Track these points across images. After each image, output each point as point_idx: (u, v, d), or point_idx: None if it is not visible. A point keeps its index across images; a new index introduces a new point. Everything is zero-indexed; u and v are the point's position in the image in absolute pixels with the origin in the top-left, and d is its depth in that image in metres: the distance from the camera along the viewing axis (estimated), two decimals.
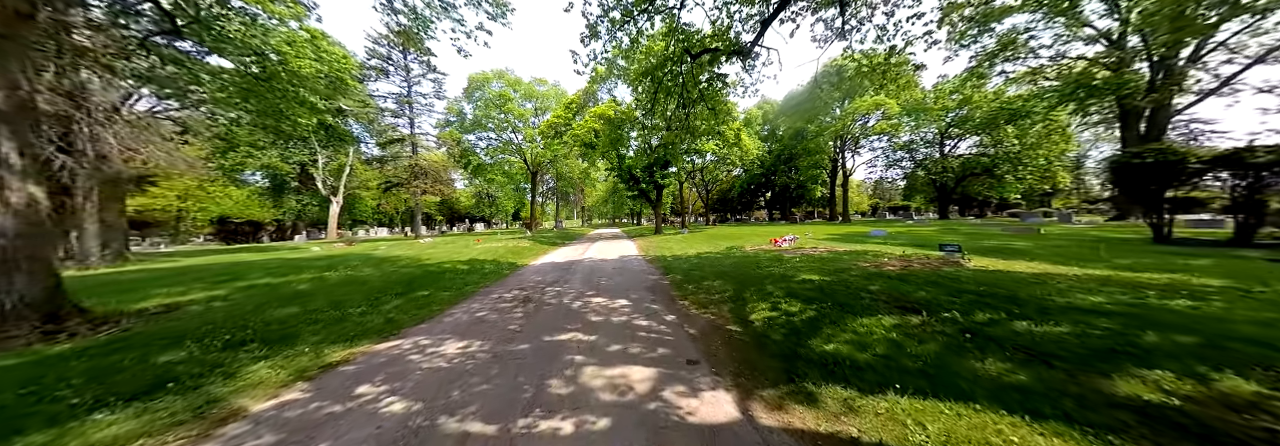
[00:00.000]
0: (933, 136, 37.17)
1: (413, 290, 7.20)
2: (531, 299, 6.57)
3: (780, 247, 11.82)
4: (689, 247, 14.34)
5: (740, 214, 59.23)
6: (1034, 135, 27.57)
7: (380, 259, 12.61)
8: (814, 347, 3.57)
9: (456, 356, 3.87)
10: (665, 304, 5.90)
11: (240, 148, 25.87)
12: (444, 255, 13.61)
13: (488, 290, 7.52)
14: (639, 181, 24.04)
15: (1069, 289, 4.84)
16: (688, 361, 3.55)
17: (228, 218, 29.05)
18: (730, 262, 9.24)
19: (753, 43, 6.93)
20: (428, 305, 6.14)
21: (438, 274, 9.12)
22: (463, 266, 10.39)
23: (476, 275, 9.14)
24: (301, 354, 3.94)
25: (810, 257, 8.94)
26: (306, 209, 32.38)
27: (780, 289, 5.90)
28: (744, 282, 6.70)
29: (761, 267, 8.03)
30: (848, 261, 8.04)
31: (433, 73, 26.14)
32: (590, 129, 20.77)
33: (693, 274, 8.23)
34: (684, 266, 9.43)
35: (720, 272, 8.00)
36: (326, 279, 8.34)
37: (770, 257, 9.58)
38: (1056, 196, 42.56)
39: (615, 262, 11.27)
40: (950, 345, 3.31)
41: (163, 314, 5.46)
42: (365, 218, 51.55)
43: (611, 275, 8.87)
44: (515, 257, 13.07)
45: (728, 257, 10.35)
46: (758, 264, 8.65)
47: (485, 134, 34.88)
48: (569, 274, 9.33)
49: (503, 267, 10.58)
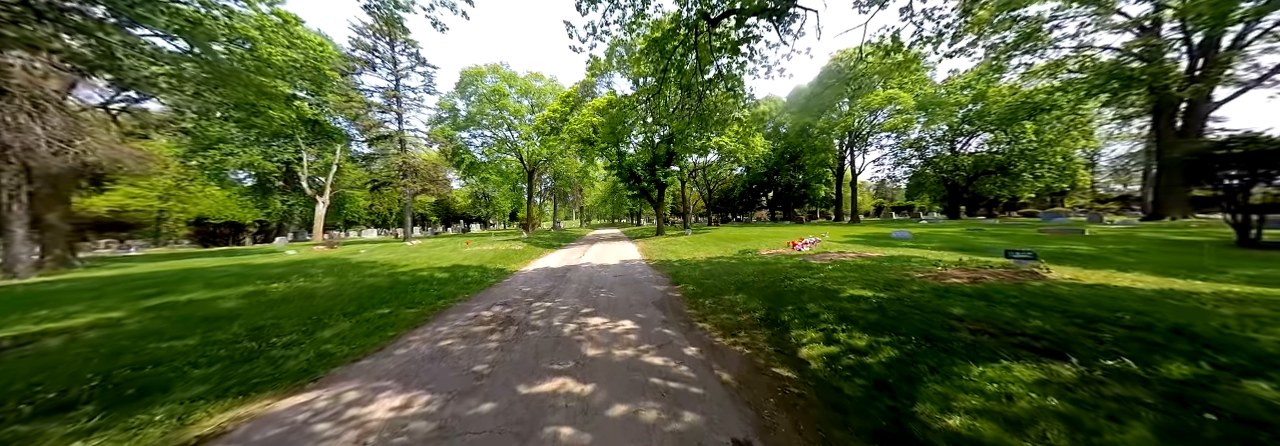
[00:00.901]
0: (942, 133, 35.94)
1: (369, 308, 5.91)
2: (514, 319, 5.29)
3: (801, 252, 10.55)
4: (697, 251, 13.08)
5: (740, 214, 57.96)
6: (1053, 131, 26.35)
7: (351, 265, 11.32)
8: (929, 420, 2.29)
9: (382, 428, 2.58)
10: (681, 328, 4.63)
11: (221, 145, 24.55)
12: (426, 260, 12.32)
13: (464, 306, 6.24)
14: (640, 180, 22.77)
15: (1241, 316, 3.57)
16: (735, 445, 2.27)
17: (205, 219, 27.65)
18: (750, 271, 7.97)
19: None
20: (382, 329, 4.86)
21: (409, 284, 7.83)
22: (441, 274, 9.10)
23: (455, 285, 7.85)
24: (153, 421, 2.66)
25: (845, 265, 7.67)
26: (294, 209, 31.02)
27: (828, 310, 4.63)
28: (776, 299, 5.43)
29: (791, 278, 6.75)
30: (895, 271, 6.78)
31: (422, 65, 24.81)
32: (588, 123, 19.45)
33: (707, 284, 6.96)
34: (695, 274, 8.16)
35: (741, 283, 6.73)
36: (268, 293, 7.04)
37: (795, 264, 8.32)
38: (1067, 196, 41.35)
39: (616, 269, 10.00)
40: (1174, 430, 2.03)
41: (6, 350, 4.16)
42: (358, 218, 50.24)
43: (612, 286, 7.59)
44: (505, 263, 11.79)
45: (745, 264, 9.08)
46: (784, 273, 7.38)
47: (480, 131, 33.57)
48: (563, 284, 8.06)
49: (488, 275, 9.29)
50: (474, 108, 31.58)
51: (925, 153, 36.19)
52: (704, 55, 6.68)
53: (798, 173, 45.12)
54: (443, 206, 61.05)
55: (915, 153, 36.56)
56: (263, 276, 9.20)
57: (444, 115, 30.99)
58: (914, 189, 41.49)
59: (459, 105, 31.36)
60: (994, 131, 30.07)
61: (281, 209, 29.87)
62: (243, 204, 28.21)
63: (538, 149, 30.43)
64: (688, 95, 10.76)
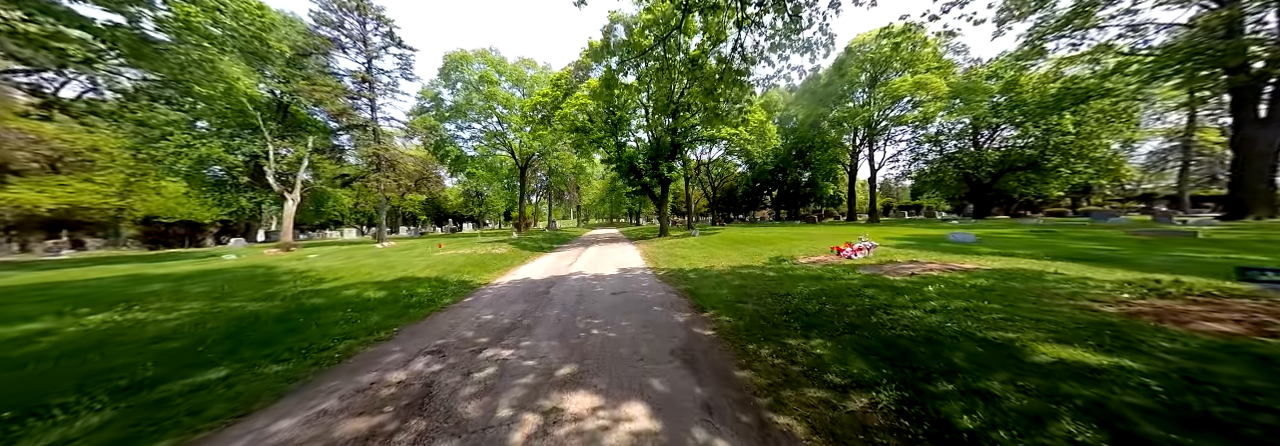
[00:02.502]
0: (962, 128, 33.61)
1: (194, 367, 3.53)
2: (431, 397, 2.92)
3: (853, 260, 8.17)
4: (712, 257, 10.71)
5: (742, 214, 55.54)
6: (1095, 122, 24.01)
7: (273, 276, 8.90)
8: None
9: None
10: (741, 429, 2.27)
11: (172, 136, 22.03)
12: (376, 269, 9.92)
13: (372, 356, 3.87)
14: (641, 174, 20.36)
15: None
16: None
17: (155, 218, 25.07)
18: (805, 291, 5.59)
19: None
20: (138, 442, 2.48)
21: (314, 313, 5.42)
22: (375, 294, 6.70)
23: (384, 312, 5.46)
24: None
25: (949, 286, 5.29)
26: (263, 208, 28.49)
27: (1033, 397, 2.26)
28: (887, 351, 3.08)
29: (883, 308, 4.38)
30: (1053, 298, 4.41)
31: (398, 46, 22.18)
32: (581, 106, 16.91)
33: (748, 313, 4.62)
34: (724, 294, 5.80)
35: (802, 314, 4.37)
36: (56, 332, 4.64)
37: (865, 281, 5.95)
38: (1091, 194, 38.98)
39: (614, 282, 7.62)
40: None
41: None
42: (343, 217, 47.67)
43: (609, 313, 5.21)
44: (475, 273, 9.38)
45: (789, 278, 6.70)
46: (860, 296, 5.02)
47: (467, 124, 31.07)
48: (541, 307, 5.68)
49: (443, 293, 6.90)
50: (460, 97, 29.07)
51: (945, 147, 33.80)
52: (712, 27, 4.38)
53: (805, 170, 42.81)
54: (433, 205, 58.61)
55: (934, 147, 34.16)
56: (120, 296, 6.78)
57: (427, 104, 28.47)
58: (930, 186, 39.16)
59: (444, 94, 28.84)
60: (1022, 124, 27.69)
61: (248, 207, 27.33)
62: (204, 202, 25.67)
63: (529, 141, 28.01)
64: (696, 69, 8.56)
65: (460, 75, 27.71)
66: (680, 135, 20.61)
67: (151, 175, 23.01)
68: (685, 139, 21.14)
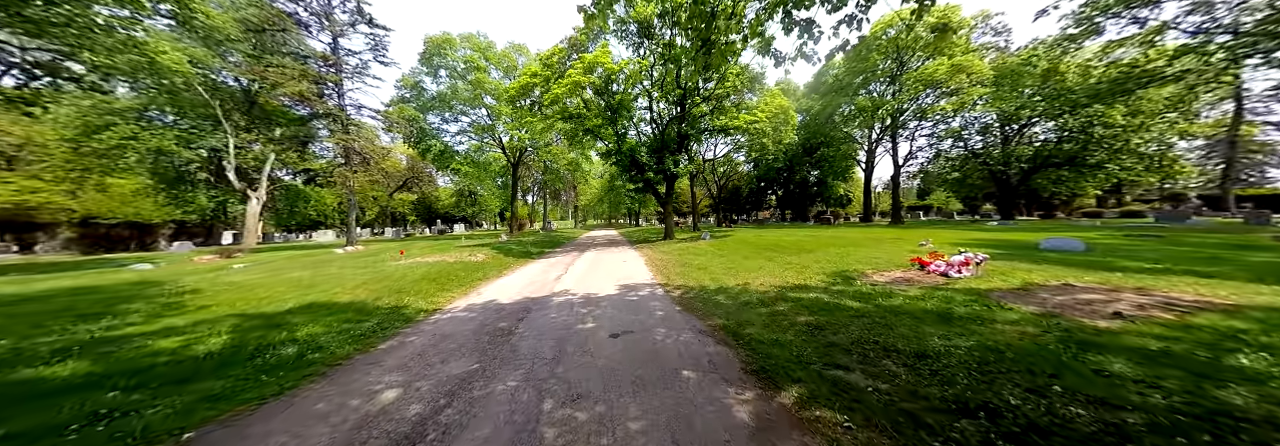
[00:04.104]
0: (987, 123, 31.06)
1: None
2: None
3: (955, 279, 5.68)
4: (740, 270, 8.20)
5: (745, 214, 52.95)
6: (1148, 112, 21.53)
7: (103, 304, 6.34)
8: None
9: None
10: None
11: (116, 126, 19.55)
12: (281, 290, 7.35)
13: None
14: (644, 169, 17.86)
15: None
16: None
17: (93, 218, 22.39)
18: (960, 352, 3.09)
19: None
20: None
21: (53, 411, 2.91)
22: (214, 342, 4.18)
23: (147, 413, 2.95)
24: None
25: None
26: (227, 207, 25.88)
27: None
28: None
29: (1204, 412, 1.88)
30: None
31: (368, 25, 19.56)
32: (574, 85, 14.21)
33: (865, 394, 2.06)
34: (796, 346, 3.31)
35: (999, 415, 1.86)
36: None
37: (1057, 335, 3.46)
38: (1123, 192, 36.41)
39: (615, 311, 5.11)
40: None
41: None
42: (326, 218, 45.00)
43: (606, 388, 2.69)
44: (426, 293, 6.87)
45: (890, 313, 4.19)
46: (1087, 378, 2.52)
47: (454, 116, 28.48)
48: (489, 374, 3.17)
49: (349, 338, 4.39)
50: (444, 86, 26.44)
51: (970, 143, 31.25)
52: None
53: (814, 168, 40.31)
54: (424, 205, 56.02)
55: (958, 143, 31.61)
56: None
57: (408, 94, 25.86)
58: (950, 185, 36.71)
59: (426, 82, 26.22)
60: (1060, 116, 25.20)
61: (209, 206, 24.75)
62: (155, 200, 23.08)
63: (515, 130, 25.39)
64: (707, 51, 6.16)
65: (444, 61, 25.12)
66: (689, 124, 18.07)
67: (96, 171, 20.44)
68: (694, 129, 18.62)
